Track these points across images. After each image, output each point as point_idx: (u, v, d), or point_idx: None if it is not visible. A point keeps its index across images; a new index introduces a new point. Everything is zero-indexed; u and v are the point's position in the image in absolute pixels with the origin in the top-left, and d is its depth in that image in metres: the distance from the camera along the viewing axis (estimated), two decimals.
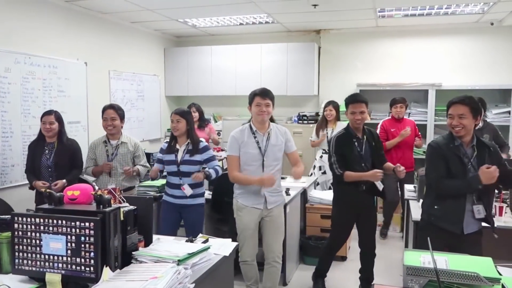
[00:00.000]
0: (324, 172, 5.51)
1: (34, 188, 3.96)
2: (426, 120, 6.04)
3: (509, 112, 5.78)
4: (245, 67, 6.81)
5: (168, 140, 3.88)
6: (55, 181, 3.90)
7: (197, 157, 3.73)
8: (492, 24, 6.02)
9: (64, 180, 3.84)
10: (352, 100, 3.66)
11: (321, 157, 5.61)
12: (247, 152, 3.37)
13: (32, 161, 4.01)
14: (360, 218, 3.79)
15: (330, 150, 3.71)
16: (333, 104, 5.57)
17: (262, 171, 3.36)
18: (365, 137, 3.69)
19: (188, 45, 7.38)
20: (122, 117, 4.06)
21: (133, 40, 6.43)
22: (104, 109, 4.03)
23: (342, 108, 6.21)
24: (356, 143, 3.65)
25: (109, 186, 3.69)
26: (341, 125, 5.50)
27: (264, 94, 3.37)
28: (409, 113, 6.12)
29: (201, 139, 3.90)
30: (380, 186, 3.65)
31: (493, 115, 5.82)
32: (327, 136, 5.37)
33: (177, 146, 3.77)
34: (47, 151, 3.96)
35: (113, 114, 3.98)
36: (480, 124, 4.55)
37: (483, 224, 3.32)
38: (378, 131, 5.27)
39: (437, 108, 5.98)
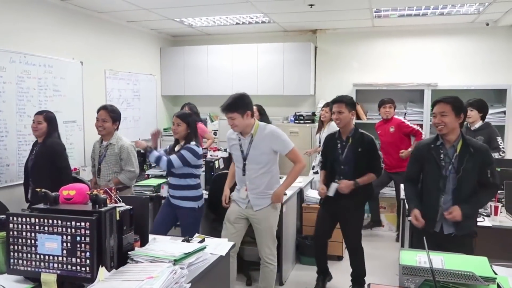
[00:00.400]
0: (316, 172, 5.51)
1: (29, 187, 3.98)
2: (422, 120, 6.05)
3: (504, 112, 5.80)
4: (241, 66, 6.80)
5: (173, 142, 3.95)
6: (32, 182, 3.88)
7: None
8: (487, 24, 6.04)
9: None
10: (333, 100, 3.76)
11: (316, 157, 5.64)
12: (233, 153, 3.54)
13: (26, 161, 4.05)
14: (340, 218, 3.83)
15: None
16: (330, 106, 5.60)
17: (243, 174, 3.43)
18: (350, 140, 3.68)
19: (185, 44, 7.37)
20: (115, 119, 3.98)
21: (129, 40, 6.41)
22: (98, 110, 4.01)
23: None
24: (339, 145, 3.72)
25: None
26: (331, 126, 5.56)
27: (224, 109, 3.30)
28: (405, 113, 6.14)
29: (192, 143, 3.73)
30: (330, 192, 3.67)
31: (489, 115, 5.82)
32: (320, 136, 5.43)
33: (176, 149, 3.81)
34: (34, 151, 3.96)
35: (104, 115, 3.93)
36: (477, 126, 4.59)
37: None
38: None
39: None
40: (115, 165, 3.99)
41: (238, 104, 3.28)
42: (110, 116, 3.95)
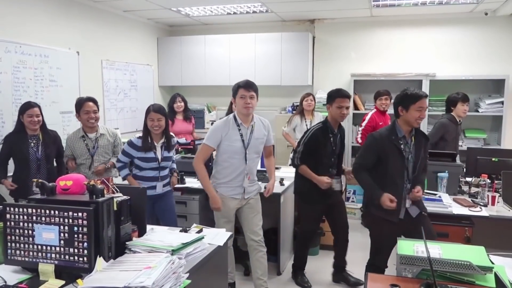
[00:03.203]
0: None
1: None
2: None
3: (502, 103, 5.80)
4: (239, 56, 6.76)
5: (140, 136, 3.68)
6: (44, 173, 3.87)
7: (171, 153, 3.79)
8: (486, 14, 6.01)
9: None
10: (341, 94, 3.63)
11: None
12: (230, 145, 3.34)
13: (9, 154, 3.92)
14: (332, 205, 3.83)
15: (302, 139, 3.75)
16: (312, 95, 5.73)
17: (245, 163, 3.38)
18: (339, 133, 3.75)
19: (182, 34, 7.32)
20: (99, 109, 4.06)
21: (125, 29, 6.36)
22: (83, 102, 3.94)
23: None
24: (331, 138, 3.69)
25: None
26: (318, 116, 5.54)
27: (248, 86, 3.31)
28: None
29: (172, 134, 3.84)
30: (337, 187, 3.77)
31: (487, 105, 5.84)
32: (307, 126, 5.40)
33: (155, 143, 3.68)
34: (32, 144, 3.90)
35: (95, 107, 3.96)
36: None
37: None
38: (366, 122, 5.33)
39: (431, 99, 5.98)
40: (110, 153, 4.08)
41: (256, 86, 3.38)
42: (97, 106, 4.01)
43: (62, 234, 1.91)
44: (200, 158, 3.39)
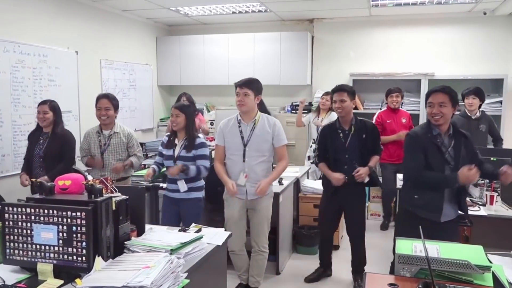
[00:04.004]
0: (313, 162, 5.47)
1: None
2: (419, 110, 6.05)
3: (500, 102, 5.80)
4: (238, 56, 6.76)
5: (169, 134, 3.83)
6: (44, 171, 3.87)
7: (193, 153, 3.70)
8: (485, 13, 6.01)
9: (46, 177, 3.63)
10: (334, 89, 3.72)
11: (311, 147, 5.61)
12: (229, 141, 3.44)
13: (28, 150, 4.01)
14: (346, 207, 3.81)
15: (316, 138, 3.83)
16: (331, 95, 5.67)
17: (243, 161, 3.38)
18: (353, 129, 3.68)
19: (181, 34, 7.32)
20: (116, 107, 4.01)
21: (124, 29, 6.36)
22: (98, 98, 3.97)
23: None
24: (341, 135, 3.68)
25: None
26: (332, 115, 5.53)
27: (241, 83, 3.33)
28: (402, 103, 6.13)
29: (199, 135, 3.86)
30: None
31: (485, 105, 5.82)
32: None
33: (176, 141, 3.73)
34: (41, 141, 3.94)
35: (107, 104, 3.94)
36: (478, 114, 4.67)
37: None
38: (374, 121, 5.30)
39: None
40: (121, 153, 4.03)
41: (255, 84, 3.39)
42: (112, 104, 3.98)
43: (60, 234, 1.91)
44: (215, 159, 3.54)
